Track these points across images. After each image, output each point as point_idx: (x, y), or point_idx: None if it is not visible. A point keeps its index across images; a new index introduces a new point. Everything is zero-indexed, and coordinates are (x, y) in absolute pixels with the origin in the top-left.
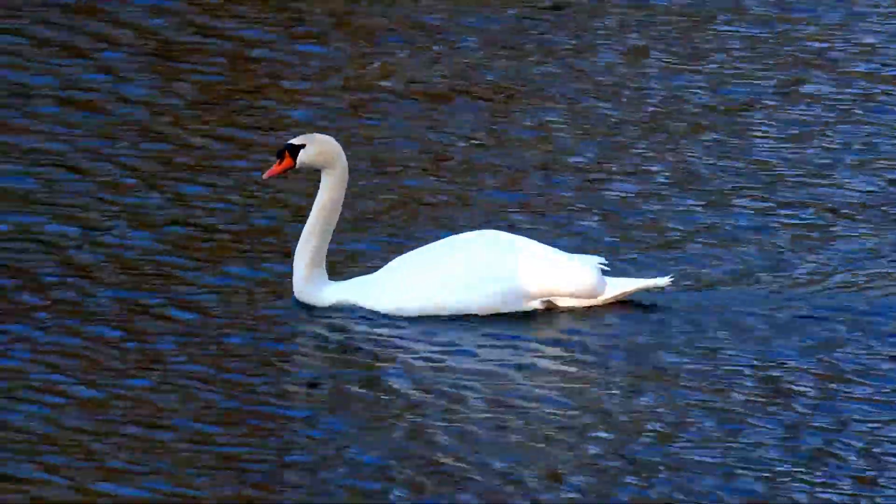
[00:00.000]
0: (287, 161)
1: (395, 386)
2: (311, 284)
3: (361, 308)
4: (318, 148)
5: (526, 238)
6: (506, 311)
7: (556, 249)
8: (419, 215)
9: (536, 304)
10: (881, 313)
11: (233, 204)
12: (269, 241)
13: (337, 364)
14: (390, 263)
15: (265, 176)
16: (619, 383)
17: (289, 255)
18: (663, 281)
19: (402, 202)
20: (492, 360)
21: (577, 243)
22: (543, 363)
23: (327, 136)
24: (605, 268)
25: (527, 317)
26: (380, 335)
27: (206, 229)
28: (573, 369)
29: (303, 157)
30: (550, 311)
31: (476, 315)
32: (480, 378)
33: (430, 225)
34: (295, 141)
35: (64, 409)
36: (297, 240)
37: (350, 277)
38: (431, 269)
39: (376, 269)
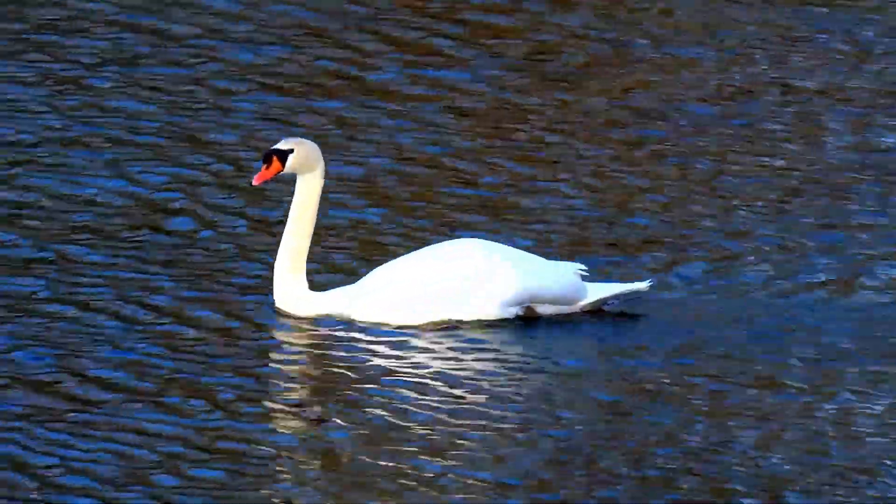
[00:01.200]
0: (276, 165)
1: (377, 394)
2: (292, 292)
3: (343, 317)
4: (303, 152)
5: (505, 245)
6: (485, 318)
7: (536, 256)
8: (396, 225)
9: (516, 311)
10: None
11: (212, 211)
12: (250, 248)
13: (316, 374)
14: (371, 273)
15: (255, 182)
16: (598, 390)
17: (268, 263)
18: (643, 286)
19: (378, 212)
20: (471, 368)
21: (555, 250)
22: (523, 370)
23: (310, 141)
24: (584, 274)
25: (507, 323)
26: (360, 344)
27: (185, 236)
28: (554, 376)
29: (292, 160)
30: (530, 318)
31: (456, 323)
32: (459, 385)
33: (408, 235)
34: (282, 146)
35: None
36: (276, 248)
37: (330, 288)
38: (411, 278)
39: (357, 279)
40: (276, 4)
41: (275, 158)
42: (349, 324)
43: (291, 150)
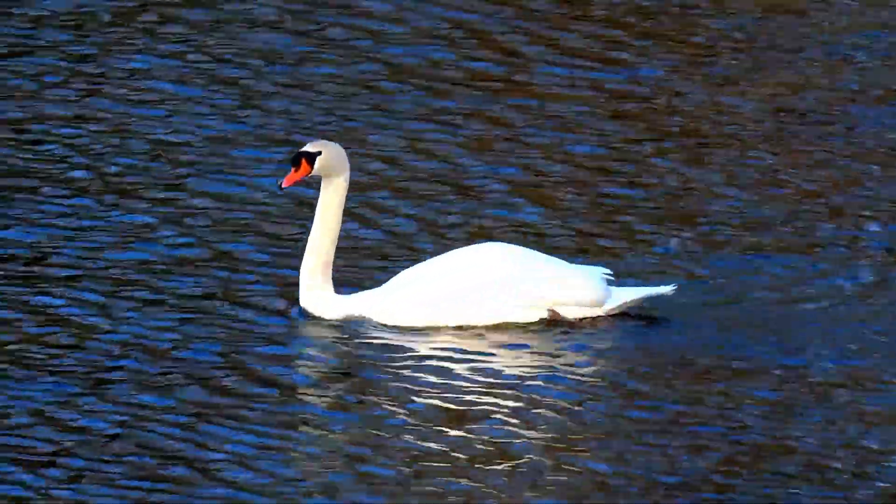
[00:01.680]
0: (304, 168)
1: (402, 396)
2: (318, 295)
3: (368, 320)
4: (330, 155)
5: (530, 249)
6: (510, 321)
7: (560, 260)
8: (422, 230)
9: (541, 315)
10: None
11: (239, 211)
12: (277, 251)
13: (340, 374)
14: (396, 277)
15: (284, 185)
16: (620, 394)
17: (295, 266)
18: (667, 289)
19: (406, 217)
20: (493, 370)
21: (581, 254)
22: (548, 373)
23: (335, 143)
24: (610, 278)
25: (532, 327)
26: (384, 347)
27: (213, 238)
28: (578, 379)
29: (320, 163)
30: (555, 321)
31: (480, 326)
32: (485, 388)
33: (433, 239)
34: (310, 148)
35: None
36: (303, 250)
37: (356, 291)
38: (436, 281)
39: (382, 282)
40: (434, 6)
41: (303, 161)
42: (374, 326)
43: (319, 153)
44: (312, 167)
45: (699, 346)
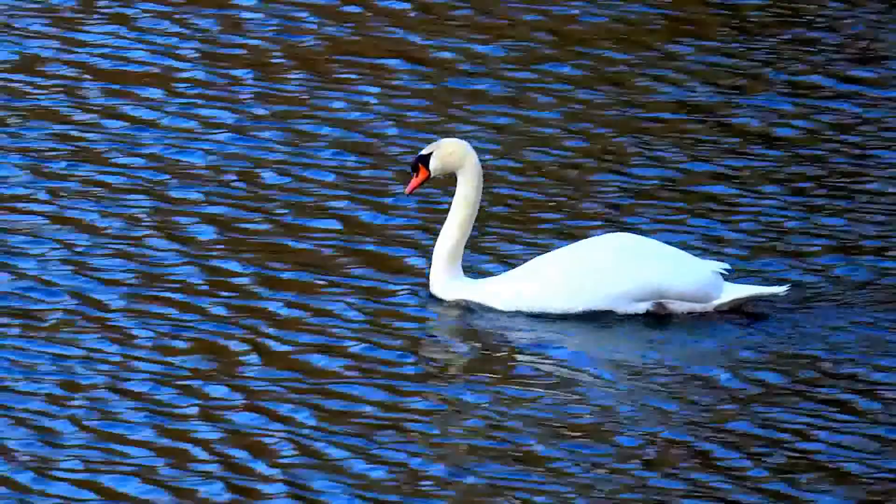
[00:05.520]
0: (423, 173)
1: (516, 379)
2: (446, 280)
3: (488, 305)
4: (443, 152)
5: (655, 241)
6: (617, 311)
7: (679, 252)
8: (567, 216)
9: (647, 307)
10: None
11: (373, 203)
12: (409, 238)
13: (462, 355)
14: (525, 264)
15: (407, 191)
16: (711, 393)
17: (428, 254)
18: (780, 290)
19: (546, 204)
20: (593, 361)
21: (706, 247)
22: (652, 366)
23: (453, 139)
24: (725, 273)
25: (639, 319)
26: (494, 331)
27: (351, 225)
28: (683, 376)
29: (432, 164)
30: (661, 314)
31: (587, 315)
32: (572, 376)
33: (574, 227)
34: (424, 151)
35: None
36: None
37: (485, 276)
38: (547, 269)
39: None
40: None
41: (420, 166)
42: (492, 310)
43: (430, 154)
44: (429, 170)
45: (805, 350)
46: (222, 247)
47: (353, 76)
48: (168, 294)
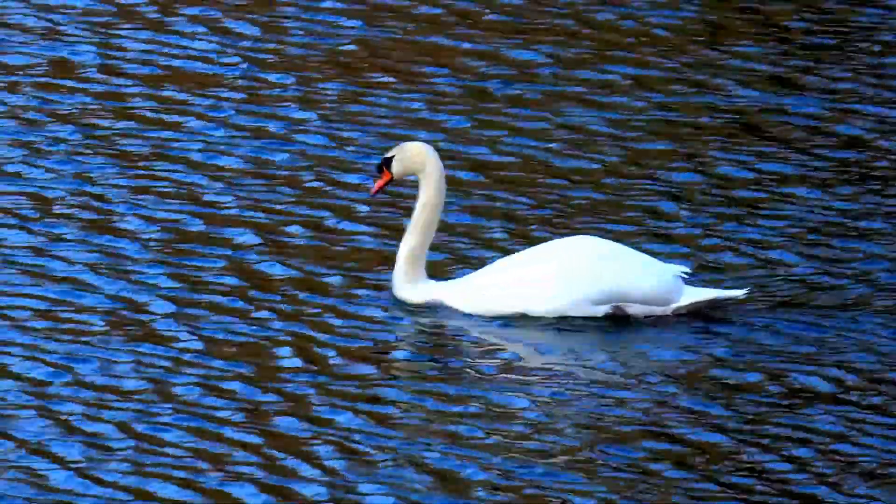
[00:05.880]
0: (386, 175)
1: (484, 389)
2: (408, 282)
3: (449, 307)
4: (405, 155)
5: (619, 244)
6: (575, 315)
7: (639, 254)
8: (524, 219)
9: (605, 310)
10: None
11: (334, 206)
12: (371, 242)
13: (422, 358)
14: (486, 266)
15: (371, 193)
16: (672, 394)
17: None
18: (739, 293)
19: (502, 209)
20: (543, 365)
21: (665, 250)
22: (607, 368)
23: (416, 143)
24: (685, 276)
25: (596, 322)
26: (456, 333)
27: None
28: (650, 381)
29: (394, 167)
30: (619, 317)
31: (544, 318)
32: (522, 382)
33: (538, 228)
34: (388, 154)
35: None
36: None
37: (450, 279)
38: (507, 271)
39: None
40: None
41: (384, 168)
42: (455, 313)
43: (393, 157)
44: (392, 172)
45: (756, 352)
46: (265, 250)
47: (391, 80)
48: (210, 297)
